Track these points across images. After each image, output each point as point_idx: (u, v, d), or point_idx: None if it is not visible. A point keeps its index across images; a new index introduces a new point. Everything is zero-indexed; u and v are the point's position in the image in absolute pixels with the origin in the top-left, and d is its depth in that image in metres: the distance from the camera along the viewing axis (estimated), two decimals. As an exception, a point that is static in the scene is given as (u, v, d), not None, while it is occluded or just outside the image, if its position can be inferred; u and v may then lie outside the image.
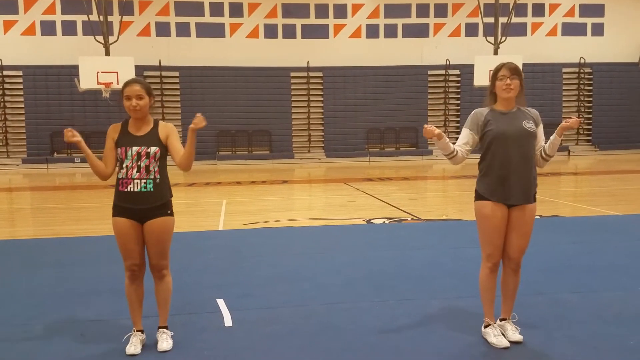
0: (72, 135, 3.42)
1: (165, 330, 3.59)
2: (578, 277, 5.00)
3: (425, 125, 3.38)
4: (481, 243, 3.52)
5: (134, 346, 3.46)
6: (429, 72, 20.74)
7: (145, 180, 3.39)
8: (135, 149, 3.39)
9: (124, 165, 3.40)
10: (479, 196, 3.51)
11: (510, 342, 3.49)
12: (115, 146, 3.45)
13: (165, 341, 3.52)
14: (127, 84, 3.43)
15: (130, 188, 3.38)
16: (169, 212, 3.49)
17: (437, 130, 3.37)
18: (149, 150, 3.38)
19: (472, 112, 3.52)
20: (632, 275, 5.03)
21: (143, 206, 3.40)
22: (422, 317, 4.03)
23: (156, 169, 3.42)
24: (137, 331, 3.54)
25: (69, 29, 19.11)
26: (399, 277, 5.08)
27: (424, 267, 5.44)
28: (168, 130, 3.50)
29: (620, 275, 5.04)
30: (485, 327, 3.58)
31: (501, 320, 3.62)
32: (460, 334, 3.69)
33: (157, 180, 3.42)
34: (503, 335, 3.53)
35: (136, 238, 3.44)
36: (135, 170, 3.38)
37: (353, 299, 4.46)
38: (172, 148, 3.47)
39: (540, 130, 3.53)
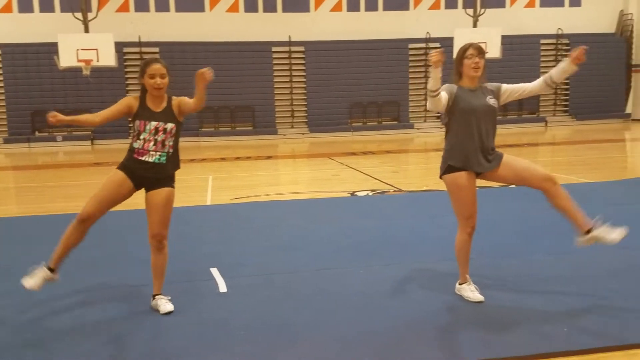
0: (54, 117, 3.49)
1: (161, 296, 3.81)
2: (554, 241, 5.22)
3: (435, 51, 3.46)
4: (457, 211, 3.82)
5: (33, 279, 3.67)
6: (410, 46, 20.84)
7: (160, 153, 3.67)
8: (153, 124, 3.64)
9: (142, 137, 3.64)
10: (451, 168, 3.79)
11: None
12: (133, 118, 3.66)
13: (167, 304, 3.76)
14: (149, 63, 3.66)
15: (146, 158, 3.65)
16: (173, 184, 3.78)
17: (441, 58, 3.43)
18: (166, 126, 3.65)
19: (446, 84, 3.73)
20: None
21: (152, 175, 3.67)
22: (405, 280, 4.32)
23: (171, 143, 3.71)
24: (49, 268, 3.73)
25: (46, 5, 18.73)
26: (383, 244, 5.36)
27: (406, 235, 5.72)
28: (178, 103, 3.74)
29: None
30: (461, 284, 3.91)
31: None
32: (439, 293, 3.98)
33: (170, 153, 3.72)
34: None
35: (115, 194, 3.65)
36: (152, 143, 3.64)
37: (341, 265, 4.73)
38: (187, 105, 3.71)
39: (508, 86, 3.83)
